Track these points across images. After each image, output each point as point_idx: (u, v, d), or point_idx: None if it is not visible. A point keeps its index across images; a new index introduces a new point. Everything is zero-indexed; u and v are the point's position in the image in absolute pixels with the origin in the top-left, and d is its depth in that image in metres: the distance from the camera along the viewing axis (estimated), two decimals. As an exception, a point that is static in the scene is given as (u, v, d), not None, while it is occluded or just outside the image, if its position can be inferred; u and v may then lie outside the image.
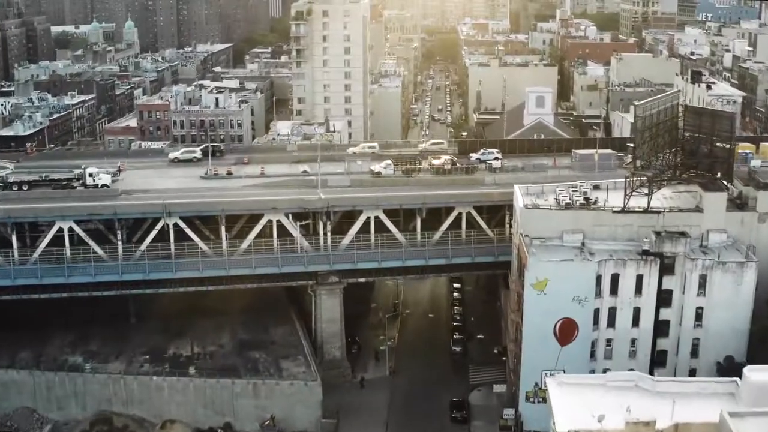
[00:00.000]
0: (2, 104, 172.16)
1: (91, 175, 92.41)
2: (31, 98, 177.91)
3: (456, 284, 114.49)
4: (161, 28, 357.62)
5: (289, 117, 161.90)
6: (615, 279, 71.00)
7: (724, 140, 76.83)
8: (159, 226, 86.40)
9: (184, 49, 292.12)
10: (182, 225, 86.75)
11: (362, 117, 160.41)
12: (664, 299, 71.68)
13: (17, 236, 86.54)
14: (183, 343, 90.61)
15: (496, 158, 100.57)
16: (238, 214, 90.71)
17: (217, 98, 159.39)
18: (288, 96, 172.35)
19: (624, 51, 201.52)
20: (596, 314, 71.63)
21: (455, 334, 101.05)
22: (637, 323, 72.04)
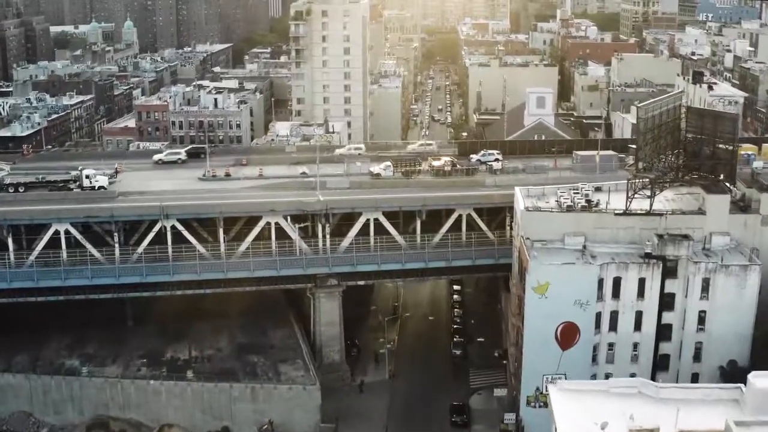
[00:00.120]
0: (0, 105, 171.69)
1: (87, 177, 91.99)
2: (30, 99, 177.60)
3: (456, 287, 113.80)
4: (160, 28, 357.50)
5: (289, 117, 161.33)
6: (617, 282, 70.35)
7: (727, 142, 76.23)
8: (156, 228, 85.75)
9: (184, 50, 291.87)
10: (180, 227, 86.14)
11: (362, 117, 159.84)
12: (666, 303, 71.01)
13: (13, 238, 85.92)
14: (181, 346, 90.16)
15: (496, 159, 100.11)
16: (236, 216, 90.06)
17: (216, 99, 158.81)
18: (287, 96, 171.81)
19: (625, 51, 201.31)
20: (598, 318, 71.02)
21: (455, 337, 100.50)
22: (639, 327, 71.42)
